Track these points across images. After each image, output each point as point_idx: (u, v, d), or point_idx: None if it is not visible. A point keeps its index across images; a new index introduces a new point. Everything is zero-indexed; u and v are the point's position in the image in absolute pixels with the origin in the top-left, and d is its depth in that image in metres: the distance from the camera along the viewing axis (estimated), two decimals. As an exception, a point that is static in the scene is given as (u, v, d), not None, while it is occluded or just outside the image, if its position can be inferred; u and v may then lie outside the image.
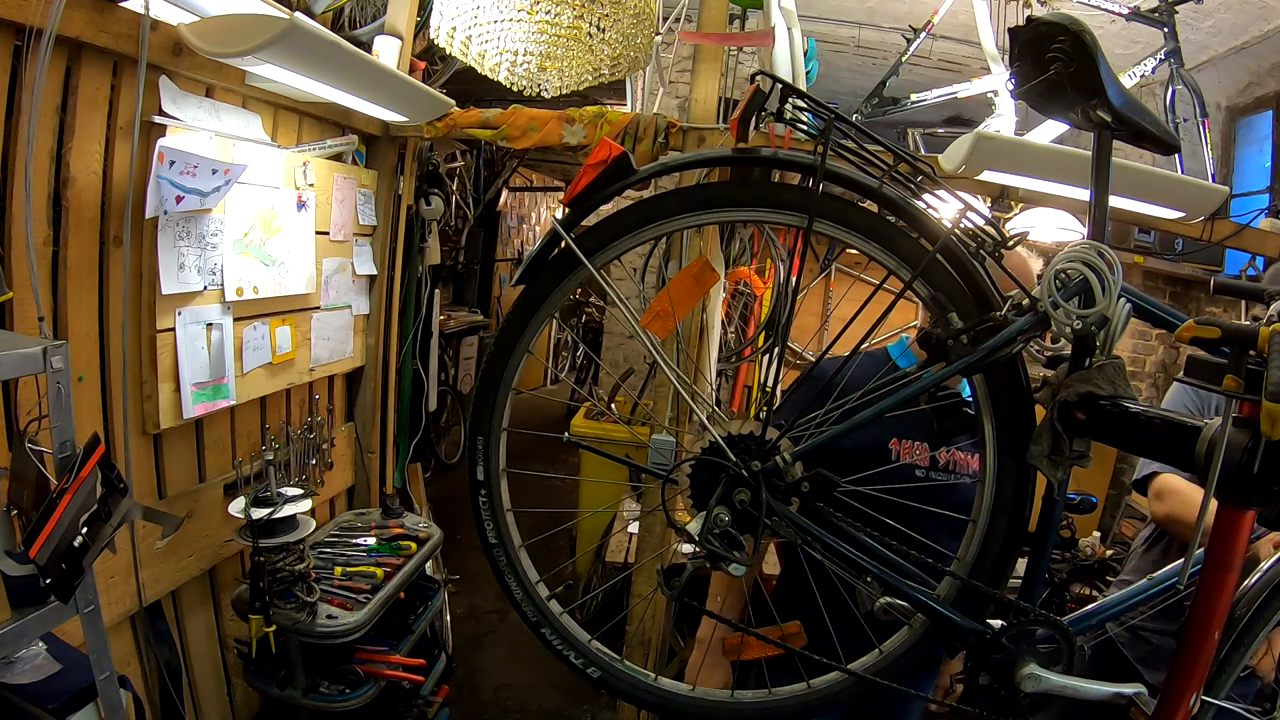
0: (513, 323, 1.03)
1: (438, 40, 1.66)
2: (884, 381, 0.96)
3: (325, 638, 1.76)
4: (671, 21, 2.62)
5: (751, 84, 0.91)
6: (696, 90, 2.11)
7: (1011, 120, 3.06)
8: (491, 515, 1.06)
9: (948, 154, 1.90)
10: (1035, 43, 0.90)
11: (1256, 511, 0.76)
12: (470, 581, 3.47)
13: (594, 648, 1.08)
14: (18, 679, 1.17)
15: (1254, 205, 2.73)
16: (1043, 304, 0.85)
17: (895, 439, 1.36)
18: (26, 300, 1.31)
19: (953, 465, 1.40)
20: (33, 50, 1.25)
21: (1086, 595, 3.13)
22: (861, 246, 0.95)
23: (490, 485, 1.05)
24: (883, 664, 1.01)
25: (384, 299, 2.52)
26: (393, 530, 2.28)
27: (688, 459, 0.97)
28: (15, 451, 1.11)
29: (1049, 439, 0.87)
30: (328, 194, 2.15)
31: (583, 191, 0.96)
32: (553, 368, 7.53)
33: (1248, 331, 0.71)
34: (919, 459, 1.37)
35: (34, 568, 1.00)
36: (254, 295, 1.85)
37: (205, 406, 1.74)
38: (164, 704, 1.73)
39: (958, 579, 0.95)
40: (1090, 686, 0.92)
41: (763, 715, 1.04)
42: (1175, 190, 1.97)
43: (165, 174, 1.50)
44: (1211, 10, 3.09)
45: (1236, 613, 0.95)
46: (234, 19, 1.42)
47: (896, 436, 1.36)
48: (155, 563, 1.66)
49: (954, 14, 3.36)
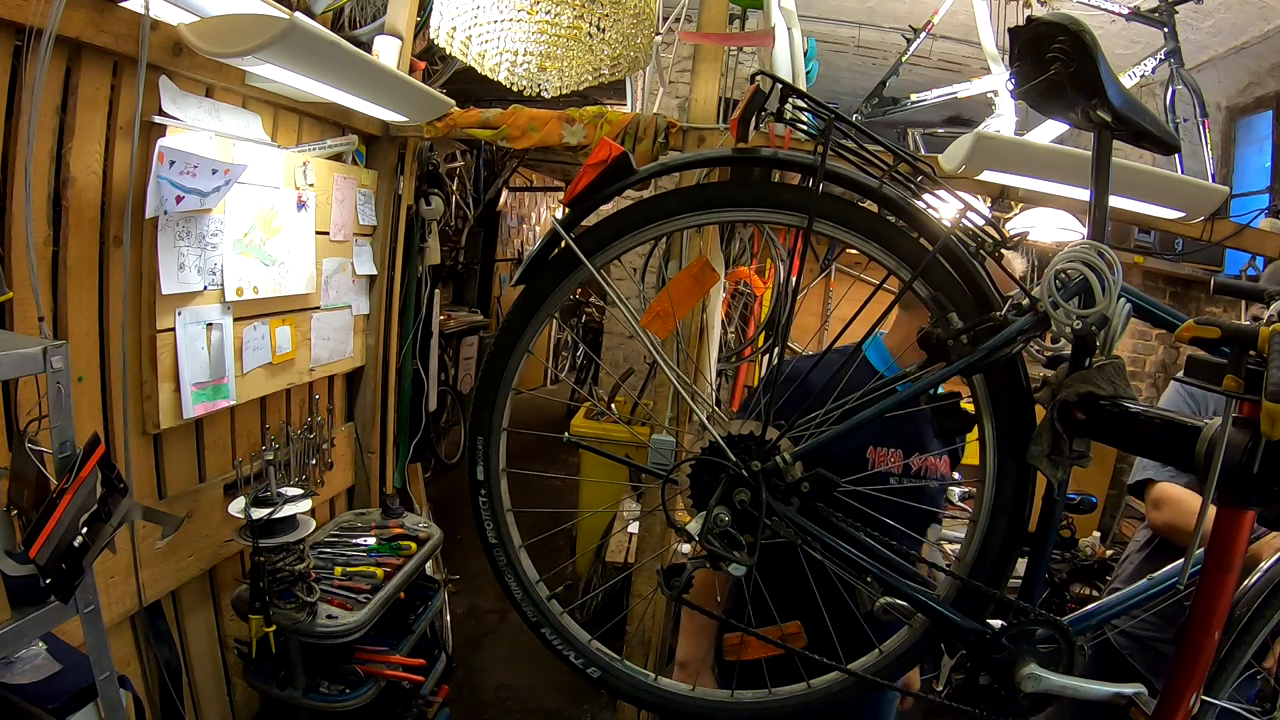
0: (513, 323, 1.02)
1: (438, 40, 1.66)
2: (881, 382, 0.96)
3: (325, 638, 1.76)
4: (671, 21, 2.62)
5: (751, 84, 0.91)
6: (696, 90, 2.11)
7: (1011, 120, 3.06)
8: (491, 515, 1.06)
9: (948, 154, 1.90)
10: (1035, 43, 0.90)
11: (1256, 511, 0.76)
12: (470, 581, 3.47)
13: (594, 648, 1.08)
14: (18, 679, 1.17)
15: (1254, 205, 2.73)
16: (1043, 304, 0.85)
17: (872, 447, 1.36)
18: (26, 300, 1.31)
19: (924, 470, 1.40)
20: (33, 50, 1.25)
21: (1086, 595, 3.13)
22: (861, 246, 0.95)
23: (490, 485, 1.05)
24: (883, 664, 1.01)
25: (384, 299, 2.52)
26: (393, 530, 2.28)
27: (688, 459, 0.97)
28: (15, 451, 1.11)
29: (1049, 439, 0.87)
30: (328, 194, 2.15)
31: (583, 191, 0.96)
32: (553, 368, 7.53)
33: (1248, 331, 0.71)
34: (893, 466, 1.37)
35: (34, 568, 1.00)
36: (254, 295, 1.85)
37: (205, 406, 1.74)
38: (164, 704, 1.73)
39: (958, 579, 0.95)
40: (1090, 686, 0.92)
41: (763, 715, 1.04)
42: (1175, 190, 1.97)
43: (165, 174, 1.50)
44: (1211, 10, 3.09)
45: (1236, 613, 0.95)
46: (234, 19, 1.42)
47: (873, 445, 1.36)
48: (155, 563, 1.66)
49: (954, 14, 3.36)
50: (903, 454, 1.37)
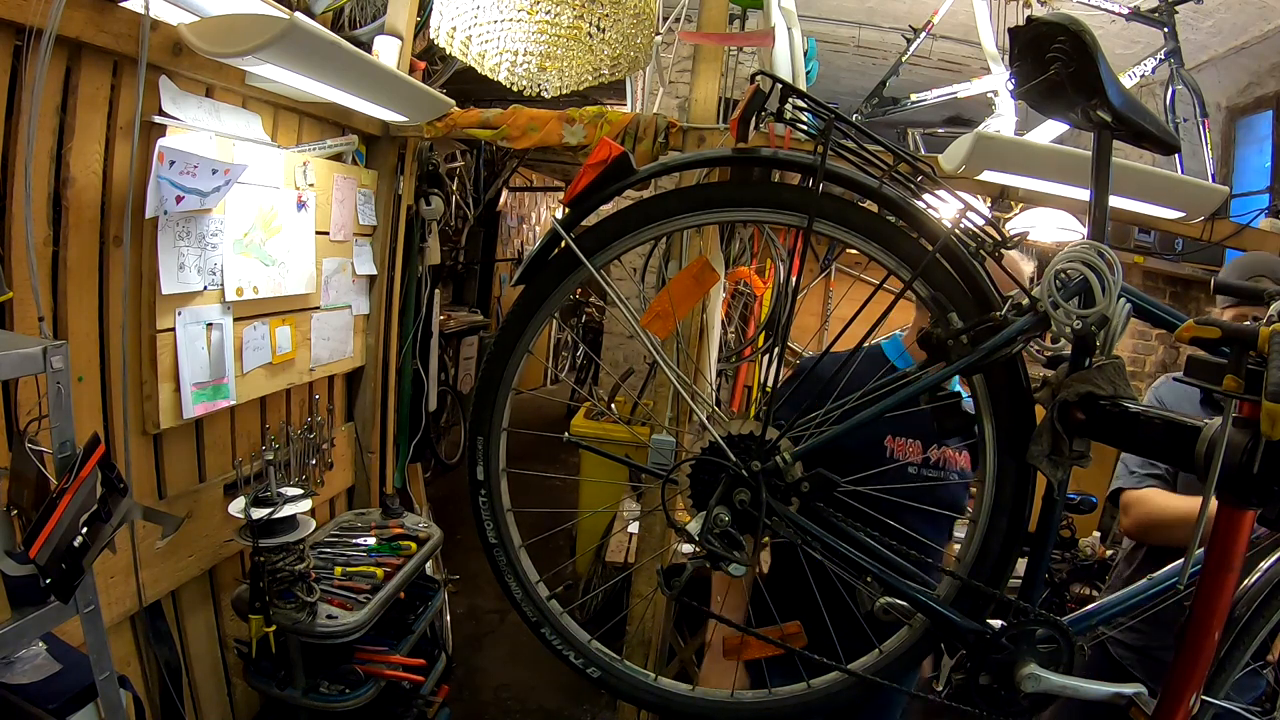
0: (513, 323, 1.02)
1: (438, 40, 1.66)
2: (883, 382, 0.96)
3: (325, 638, 1.76)
4: (671, 21, 2.62)
5: (751, 84, 0.91)
6: (696, 90, 2.11)
7: (1011, 120, 3.06)
8: (491, 515, 1.06)
9: (948, 154, 1.90)
10: (1035, 43, 0.90)
11: (1256, 511, 0.76)
12: (470, 581, 3.47)
13: (594, 648, 1.08)
14: (18, 679, 1.17)
15: (1254, 205, 2.72)
16: (1043, 304, 0.85)
17: (890, 436, 1.37)
18: (26, 300, 1.31)
19: (943, 462, 1.40)
20: (33, 50, 1.25)
21: (1086, 595, 3.13)
22: (861, 246, 0.95)
23: (490, 485, 1.05)
24: (883, 664, 1.01)
25: (384, 299, 2.52)
26: (393, 530, 2.28)
27: (688, 459, 0.97)
28: (15, 451, 1.11)
29: (1049, 439, 0.87)
30: (328, 194, 2.15)
31: (583, 191, 0.96)
32: (553, 368, 7.53)
33: (1248, 331, 0.71)
34: (912, 456, 1.37)
35: (34, 568, 1.00)
36: (254, 295, 1.85)
37: (205, 406, 1.74)
38: (164, 704, 1.73)
39: (958, 579, 0.95)
40: (1090, 686, 0.92)
41: (763, 715, 1.04)
42: (1175, 190, 1.97)
43: (165, 174, 1.50)
44: (1211, 10, 3.09)
45: (1236, 612, 0.95)
46: (234, 19, 1.42)
47: (892, 434, 1.37)
48: (155, 563, 1.66)
49: (954, 14, 3.36)
50: (921, 445, 1.37)
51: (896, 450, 1.37)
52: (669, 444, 2.04)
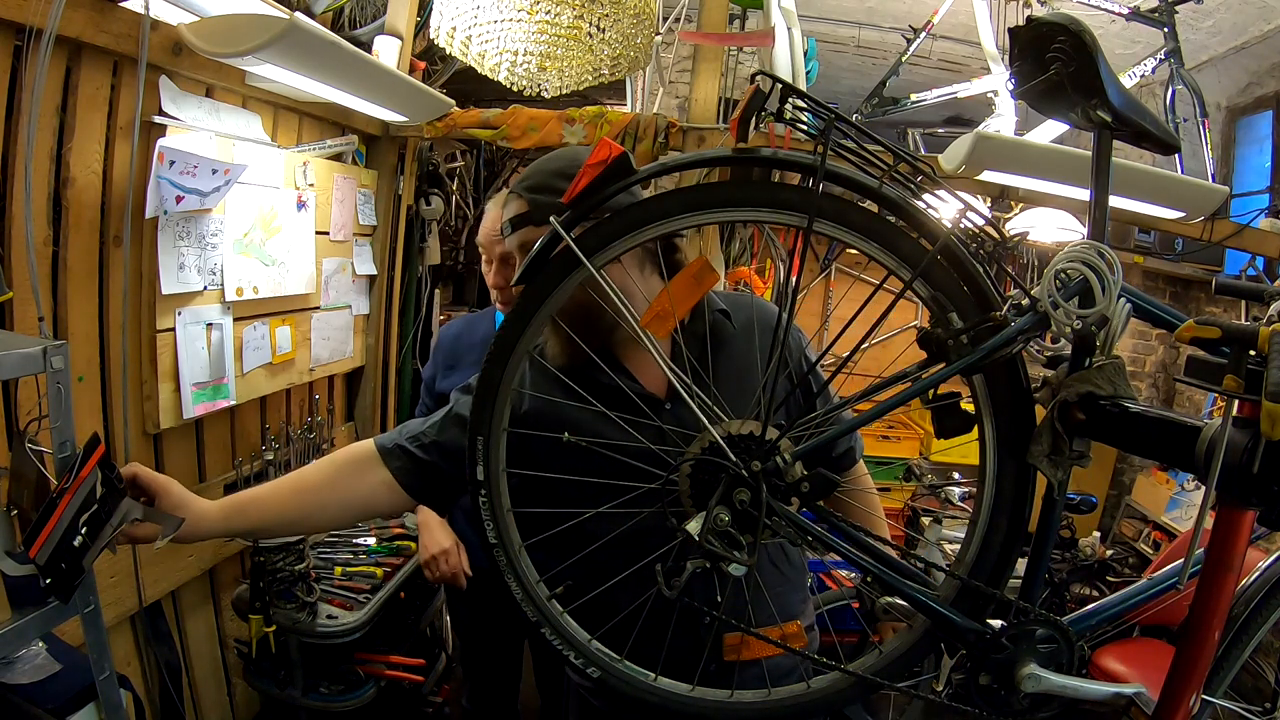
0: (513, 323, 1.02)
1: (438, 40, 1.66)
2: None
3: (325, 638, 1.76)
4: (671, 21, 2.62)
5: (751, 84, 0.91)
6: (696, 90, 2.12)
7: (1011, 120, 3.06)
8: (491, 515, 1.06)
9: (948, 154, 1.91)
10: (1035, 43, 0.90)
11: (1256, 511, 0.76)
12: (470, 581, 3.46)
13: (594, 648, 1.08)
14: (18, 679, 1.17)
15: (1254, 205, 2.72)
16: (1043, 304, 0.85)
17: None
18: (26, 300, 1.31)
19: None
20: (33, 50, 1.25)
21: (1086, 595, 3.14)
22: (861, 246, 0.95)
23: (490, 485, 1.05)
24: (883, 664, 1.01)
25: (384, 299, 2.52)
26: (393, 530, 2.27)
27: (687, 459, 0.97)
28: (15, 451, 1.11)
29: (1049, 439, 0.87)
30: (328, 194, 2.15)
31: (583, 191, 0.96)
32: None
33: (1248, 331, 0.71)
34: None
35: (34, 568, 1.00)
36: (254, 295, 1.85)
37: (205, 406, 1.74)
38: (164, 704, 1.73)
39: (958, 579, 0.95)
40: (1090, 686, 0.92)
41: (762, 715, 1.04)
42: (1175, 190, 1.97)
43: (165, 174, 1.50)
44: (1211, 10, 3.09)
45: (1234, 612, 0.95)
46: (234, 19, 1.42)
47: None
48: (155, 563, 1.66)
49: (954, 14, 3.36)
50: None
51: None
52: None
